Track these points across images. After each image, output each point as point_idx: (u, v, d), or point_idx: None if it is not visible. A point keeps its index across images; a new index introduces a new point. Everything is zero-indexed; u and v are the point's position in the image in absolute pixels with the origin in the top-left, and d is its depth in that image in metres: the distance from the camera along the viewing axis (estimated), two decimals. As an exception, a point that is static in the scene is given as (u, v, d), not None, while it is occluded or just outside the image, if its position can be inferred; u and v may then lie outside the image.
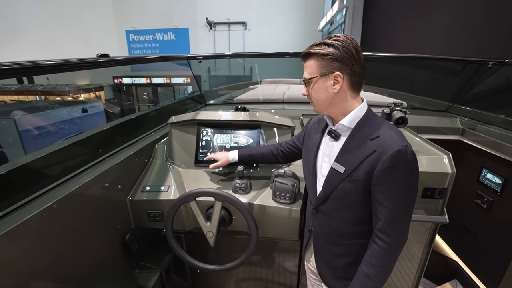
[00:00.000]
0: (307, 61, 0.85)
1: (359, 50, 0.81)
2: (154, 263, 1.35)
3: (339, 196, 0.87)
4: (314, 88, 0.85)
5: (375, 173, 0.78)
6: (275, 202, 1.17)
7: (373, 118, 0.86)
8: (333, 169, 0.87)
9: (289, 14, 11.23)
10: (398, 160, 0.76)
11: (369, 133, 0.82)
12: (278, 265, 1.70)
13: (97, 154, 1.25)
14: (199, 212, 1.10)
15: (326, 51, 0.79)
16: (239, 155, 1.27)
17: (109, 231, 1.18)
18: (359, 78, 0.83)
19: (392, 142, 0.77)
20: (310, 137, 1.02)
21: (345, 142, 0.86)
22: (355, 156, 0.82)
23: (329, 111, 0.88)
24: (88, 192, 1.05)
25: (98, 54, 1.00)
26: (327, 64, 0.80)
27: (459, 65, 2.27)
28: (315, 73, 0.83)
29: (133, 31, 12.17)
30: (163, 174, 1.38)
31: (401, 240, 0.84)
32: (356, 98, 0.86)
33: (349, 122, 0.85)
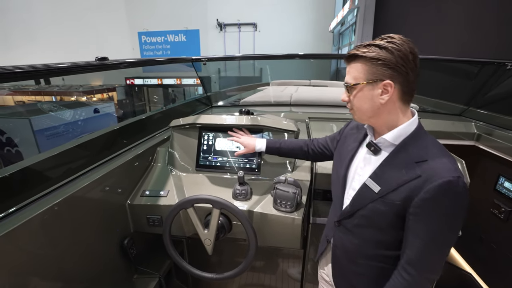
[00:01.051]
0: (352, 63, 0.74)
1: (416, 55, 0.70)
2: (153, 269, 1.33)
3: (367, 215, 0.80)
4: (357, 95, 0.75)
5: (415, 201, 0.68)
6: (276, 210, 1.13)
7: (423, 137, 0.74)
8: (366, 186, 0.79)
9: (299, 15, 11.15)
10: (446, 193, 0.65)
11: (416, 154, 0.71)
12: (280, 272, 1.67)
13: (98, 157, 1.25)
14: (197, 219, 1.08)
15: (378, 55, 0.68)
16: (267, 146, 1.20)
17: (108, 235, 1.17)
18: (412, 88, 0.72)
19: (442, 170, 0.66)
20: (346, 143, 0.94)
21: (386, 160, 0.77)
22: (394, 177, 0.72)
23: (372, 122, 0.79)
24: (87, 196, 1.05)
25: (96, 57, 0.99)
26: (376, 70, 0.69)
27: (475, 67, 2.17)
28: (361, 79, 0.72)
29: (145, 32, 12.38)
30: (163, 179, 1.36)
31: (430, 278, 0.73)
32: (405, 111, 0.75)
33: (394, 138, 0.75)
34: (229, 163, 1.36)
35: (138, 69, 11.20)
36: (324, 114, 2.18)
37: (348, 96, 0.78)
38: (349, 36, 9.31)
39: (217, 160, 1.38)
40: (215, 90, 6.51)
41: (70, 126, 5.54)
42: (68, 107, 6.03)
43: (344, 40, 10.43)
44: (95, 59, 0.99)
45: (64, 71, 0.86)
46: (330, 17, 10.60)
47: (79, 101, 8.66)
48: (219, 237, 1.14)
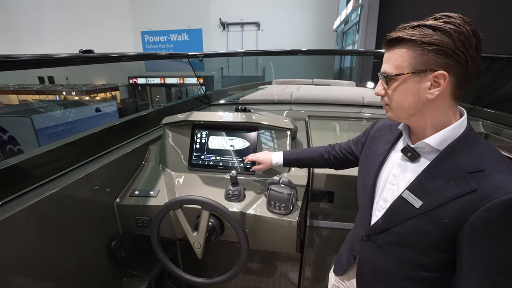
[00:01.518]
0: (393, 49, 0.61)
1: (481, 40, 0.56)
2: (143, 272, 1.28)
3: (404, 233, 0.66)
4: (399, 88, 0.61)
5: (471, 221, 0.55)
6: (270, 213, 1.07)
7: (476, 142, 0.61)
8: (403, 200, 0.65)
9: (302, 14, 11.07)
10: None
11: (468, 163, 0.58)
12: (278, 276, 1.61)
13: (87, 155, 1.20)
14: (186, 221, 1.02)
15: (431, 39, 0.55)
16: (284, 158, 1.09)
17: (95, 237, 1.12)
18: (468, 82, 0.59)
19: (506, 183, 0.53)
20: (373, 146, 0.81)
21: (428, 168, 0.63)
22: (441, 190, 0.60)
23: (412, 121, 0.66)
24: (72, 194, 1.00)
25: (80, 50, 0.94)
26: (428, 58, 0.56)
27: (483, 63, 2.08)
28: (405, 68, 0.59)
29: (148, 32, 12.41)
30: (154, 178, 1.31)
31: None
32: (455, 110, 0.62)
33: (439, 142, 0.62)
34: (223, 162, 1.31)
35: (141, 69, 11.24)
36: (325, 113, 2.12)
37: (385, 89, 0.64)
38: (353, 35, 9.21)
39: (210, 159, 1.32)
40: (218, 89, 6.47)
41: (71, 124, 5.55)
42: (69, 106, 6.04)
43: (348, 39, 10.32)
44: (79, 52, 0.94)
45: (43, 62, 0.81)
46: (334, 16, 10.50)
47: (81, 100, 8.69)
48: (210, 240, 1.08)
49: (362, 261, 0.81)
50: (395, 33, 0.60)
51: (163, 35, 12.45)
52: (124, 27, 12.33)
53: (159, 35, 12.48)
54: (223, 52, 2.32)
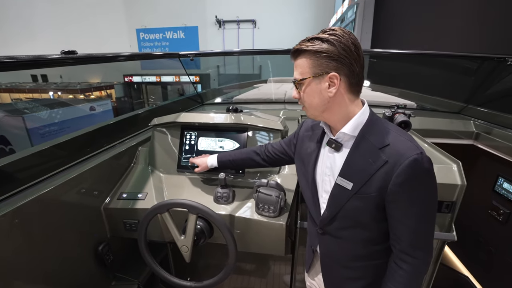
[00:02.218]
0: (298, 59, 0.73)
1: (358, 46, 0.69)
2: (132, 275, 1.27)
3: (347, 216, 0.77)
4: (306, 91, 0.73)
5: (390, 188, 0.68)
6: (258, 215, 1.06)
7: (378, 123, 0.74)
8: (339, 185, 0.76)
9: (299, 11, 11.03)
10: (415, 171, 0.66)
11: (377, 141, 0.71)
12: (270, 277, 1.61)
13: (74, 157, 1.18)
14: (173, 224, 1.01)
15: (320, 48, 0.67)
16: (218, 160, 1.16)
17: (81, 241, 1.10)
18: (359, 79, 0.71)
19: (405, 150, 0.67)
20: (304, 145, 0.90)
21: (350, 153, 0.74)
22: (363, 169, 0.71)
23: (325, 117, 0.77)
24: (59, 197, 0.98)
25: (62, 51, 0.92)
26: (321, 63, 0.68)
27: (475, 63, 2.08)
28: (307, 74, 0.71)
29: (143, 29, 12.28)
30: (143, 180, 1.29)
31: (427, 259, 0.74)
32: (355, 102, 0.74)
33: (352, 129, 0.73)
34: (212, 164, 1.29)
35: (136, 67, 11.14)
36: None
37: (298, 93, 0.76)
38: (349, 32, 9.18)
39: (198, 160, 1.31)
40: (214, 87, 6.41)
41: (64, 123, 5.48)
42: (63, 105, 5.97)
43: (344, 37, 10.30)
44: (61, 53, 0.91)
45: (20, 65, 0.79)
46: (330, 14, 10.48)
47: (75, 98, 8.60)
48: (199, 243, 1.07)
49: (323, 254, 0.89)
50: (296, 46, 0.72)
51: (158, 32, 12.33)
52: (118, 24, 12.19)
53: (155, 33, 12.36)
54: (214, 52, 2.30)
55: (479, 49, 2.91)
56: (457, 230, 1.25)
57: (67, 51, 0.92)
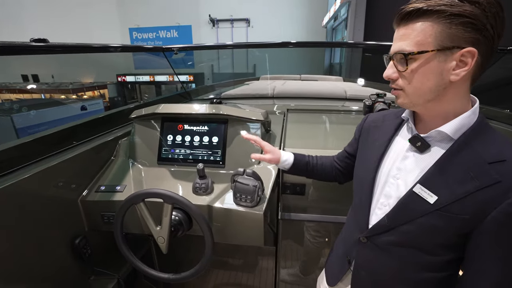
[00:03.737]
0: (414, 23, 0.53)
1: (505, 17, 0.51)
2: (112, 270, 1.25)
3: (412, 232, 0.60)
4: (420, 70, 0.53)
5: (494, 216, 0.51)
6: (237, 205, 1.05)
7: (490, 130, 0.56)
8: (415, 195, 0.59)
9: (292, 10, 11.05)
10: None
11: (487, 152, 0.53)
12: (254, 270, 1.60)
13: (51, 150, 1.15)
14: (148, 215, 0.99)
15: (461, 9, 0.48)
16: (296, 157, 0.94)
17: (56, 235, 1.08)
18: (488, 63, 0.54)
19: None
20: (369, 137, 0.75)
21: (443, 159, 0.57)
22: (459, 183, 0.54)
23: (427, 108, 0.59)
24: (31, 189, 0.95)
25: (31, 38, 0.89)
26: (456, 33, 0.49)
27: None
28: (429, 45, 0.51)
29: (136, 29, 12.20)
30: (122, 173, 1.27)
31: None
32: (469, 96, 0.57)
33: (455, 130, 0.56)
34: (192, 156, 1.28)
35: (129, 66, 11.04)
36: (305, 106, 2.11)
37: (399, 72, 0.57)
38: (342, 31, 9.23)
39: (180, 152, 1.29)
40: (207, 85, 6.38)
41: (55, 123, 5.40)
42: (54, 105, 5.89)
43: (337, 35, 10.34)
44: (30, 40, 0.89)
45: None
46: (323, 12, 10.51)
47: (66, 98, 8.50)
48: (177, 235, 1.06)
49: (359, 266, 0.74)
50: (415, 4, 0.52)
51: (151, 31, 12.26)
52: (111, 23, 12.09)
53: (148, 32, 12.28)
54: (199, 45, 2.28)
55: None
56: None
57: (37, 39, 0.89)
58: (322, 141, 1.52)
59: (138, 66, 11.18)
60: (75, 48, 1.08)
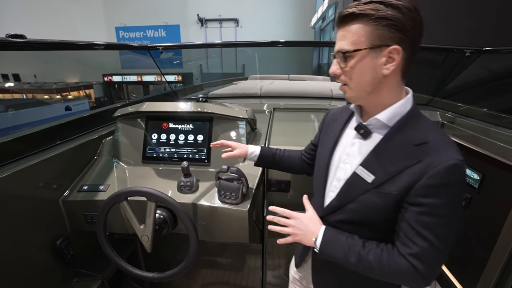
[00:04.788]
0: (349, 26, 0.60)
1: (422, 18, 0.60)
2: (95, 271, 1.23)
3: (358, 210, 0.68)
4: (358, 65, 0.61)
5: (416, 189, 0.58)
6: (221, 202, 1.05)
7: (421, 118, 0.65)
8: (357, 175, 0.67)
9: (281, 10, 11.12)
10: (451, 177, 0.56)
11: (414, 137, 0.62)
12: (242, 267, 1.60)
13: (33, 148, 1.12)
14: (131, 214, 0.98)
15: (385, 14, 0.56)
16: (262, 149, 1.01)
17: (37, 236, 1.05)
18: (412, 60, 0.62)
19: (445, 152, 0.58)
20: (328, 130, 0.83)
21: (380, 144, 0.65)
22: (391, 163, 0.62)
23: (368, 100, 0.66)
24: (7, 189, 0.93)
25: (7, 34, 0.87)
26: (382, 33, 0.57)
27: (440, 56, 2.17)
28: (362, 44, 0.59)
29: (122, 28, 11.98)
30: (106, 172, 1.25)
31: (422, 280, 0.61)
32: (402, 88, 0.65)
33: (389, 118, 0.64)
34: (177, 154, 1.27)
35: (116, 66, 10.82)
36: (291, 105, 2.13)
37: (341, 68, 0.64)
38: (330, 32, 9.36)
39: (164, 151, 1.28)
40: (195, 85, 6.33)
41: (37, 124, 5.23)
42: (37, 105, 5.71)
43: (325, 36, 10.48)
44: (6, 36, 0.87)
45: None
46: (311, 13, 10.63)
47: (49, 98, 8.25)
48: (162, 233, 1.05)
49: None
50: (350, 8, 0.59)
51: (139, 31, 12.06)
52: (96, 22, 11.82)
53: (135, 31, 12.08)
54: (184, 44, 2.26)
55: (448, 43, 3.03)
56: None
57: (14, 34, 0.87)
58: (306, 138, 1.54)
59: (125, 65, 10.97)
60: (56, 44, 1.06)
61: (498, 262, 1.31)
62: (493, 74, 1.95)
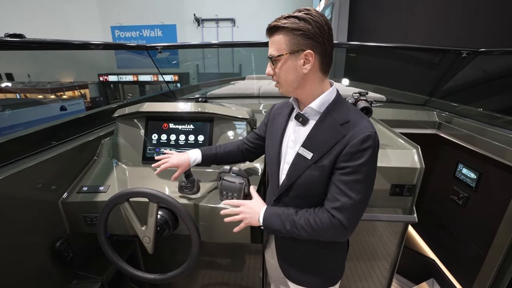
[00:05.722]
0: (274, 36, 0.76)
1: (330, 28, 0.75)
2: (95, 273, 1.21)
3: (303, 184, 0.82)
4: (282, 67, 0.76)
5: (341, 157, 0.74)
6: (222, 203, 1.05)
7: (343, 103, 0.81)
8: (300, 155, 0.81)
9: (278, 10, 11.11)
10: (367, 146, 0.72)
11: (339, 118, 0.77)
12: (242, 267, 1.60)
13: (30, 150, 1.11)
14: (133, 215, 0.98)
15: (298, 26, 0.71)
16: (203, 154, 1.06)
17: (36, 238, 1.04)
18: (329, 59, 0.77)
19: (362, 127, 0.74)
20: (274, 122, 0.95)
21: (314, 127, 0.81)
22: (324, 141, 0.77)
23: (297, 93, 0.82)
24: (7, 191, 0.91)
25: (6, 33, 0.85)
26: (297, 41, 0.72)
27: (437, 57, 2.20)
28: (283, 50, 0.74)
29: (118, 27, 11.86)
30: (106, 173, 1.24)
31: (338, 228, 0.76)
32: (325, 81, 0.80)
33: (319, 105, 0.80)
34: (178, 155, 1.27)
35: (112, 66, 10.72)
36: None
37: (273, 69, 0.78)
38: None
39: (165, 151, 1.27)
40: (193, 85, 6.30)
41: (32, 124, 5.16)
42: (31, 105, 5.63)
43: (322, 36, 10.52)
44: (4, 35, 0.85)
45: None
46: (308, 13, 10.64)
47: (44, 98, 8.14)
48: (163, 234, 1.05)
49: None
50: (273, 23, 0.74)
51: (135, 30, 11.95)
52: (92, 21, 11.69)
53: (131, 31, 11.96)
54: (184, 44, 2.26)
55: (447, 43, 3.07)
56: (423, 215, 1.30)
57: (13, 34, 0.86)
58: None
59: (121, 65, 10.87)
60: (54, 44, 1.04)
61: (495, 260, 1.32)
62: (489, 75, 1.97)
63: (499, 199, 1.41)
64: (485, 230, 1.53)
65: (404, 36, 4.22)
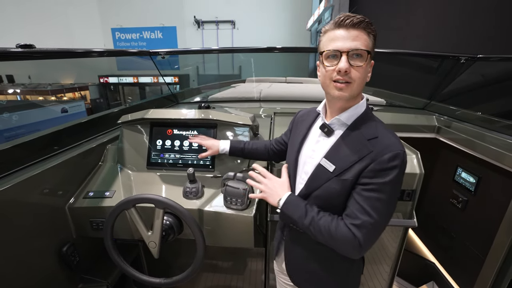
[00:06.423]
0: (358, 30, 0.69)
1: None
2: (101, 277, 1.23)
3: (321, 197, 0.79)
4: (366, 66, 0.71)
5: (365, 173, 0.71)
6: (227, 208, 1.07)
7: (372, 118, 0.78)
8: (321, 166, 0.78)
9: (277, 13, 11.16)
10: (394, 164, 0.69)
11: (367, 133, 0.74)
12: (244, 271, 1.62)
13: (38, 155, 1.13)
14: (139, 220, 1.00)
15: (373, 27, 0.70)
16: (231, 146, 1.15)
17: (44, 242, 1.06)
18: None
19: (390, 144, 0.71)
20: (297, 129, 0.94)
21: (339, 139, 0.78)
22: (348, 155, 0.74)
23: (352, 100, 0.77)
24: (16, 197, 0.93)
25: (17, 44, 0.88)
26: (373, 45, 0.72)
27: (436, 62, 2.22)
28: (369, 48, 0.71)
29: (119, 29, 11.90)
30: (111, 178, 1.26)
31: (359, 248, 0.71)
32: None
33: (347, 118, 0.77)
34: (182, 160, 1.29)
35: (112, 67, 10.75)
36: (291, 109, 2.16)
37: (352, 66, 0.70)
38: (326, 34, 9.40)
39: (169, 157, 1.30)
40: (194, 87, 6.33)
41: (33, 126, 5.18)
42: (31, 107, 5.65)
43: (322, 38, 10.55)
44: (16, 46, 0.88)
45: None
46: (308, 15, 10.70)
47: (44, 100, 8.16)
48: (168, 239, 1.07)
49: (288, 236, 0.93)
50: (359, 17, 0.69)
51: (135, 32, 11.99)
52: (92, 23, 11.72)
53: (131, 33, 12.00)
54: (185, 50, 2.28)
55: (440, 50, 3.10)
56: (423, 219, 1.32)
57: (23, 44, 0.88)
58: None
59: (121, 67, 10.91)
60: (62, 53, 1.07)
61: (495, 263, 1.34)
62: (487, 80, 2.00)
63: (498, 203, 1.43)
64: (484, 233, 1.55)
65: (403, 40, 4.26)
